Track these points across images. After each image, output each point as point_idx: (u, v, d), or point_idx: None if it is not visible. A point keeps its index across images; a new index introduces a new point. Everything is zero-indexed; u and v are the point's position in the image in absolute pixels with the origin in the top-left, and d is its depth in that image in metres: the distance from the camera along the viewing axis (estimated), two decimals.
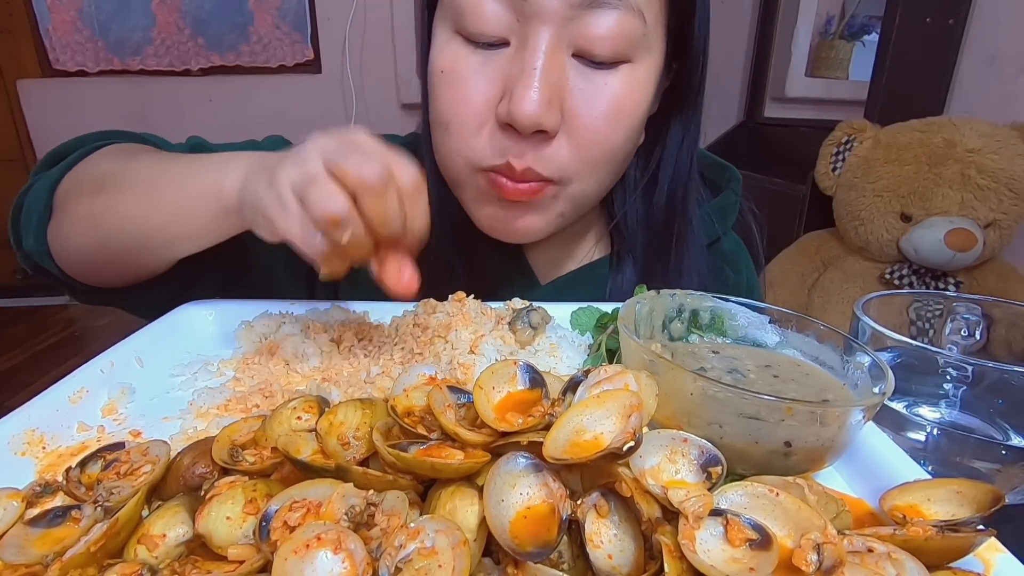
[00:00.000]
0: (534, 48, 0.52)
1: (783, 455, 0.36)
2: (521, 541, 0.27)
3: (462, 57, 0.55)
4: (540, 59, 0.52)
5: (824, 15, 2.67)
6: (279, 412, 0.37)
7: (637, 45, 0.54)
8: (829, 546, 0.27)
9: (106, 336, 0.52)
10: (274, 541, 0.27)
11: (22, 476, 0.36)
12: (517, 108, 0.52)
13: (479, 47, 0.55)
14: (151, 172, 0.55)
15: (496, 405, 0.35)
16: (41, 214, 0.58)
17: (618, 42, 0.53)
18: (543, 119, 0.52)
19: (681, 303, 0.50)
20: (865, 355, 0.41)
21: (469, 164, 0.58)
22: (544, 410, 0.34)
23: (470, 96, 0.55)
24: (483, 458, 0.31)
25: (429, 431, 0.34)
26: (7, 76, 2.49)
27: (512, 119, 0.53)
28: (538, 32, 0.52)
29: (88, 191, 0.56)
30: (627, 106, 0.56)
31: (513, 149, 0.55)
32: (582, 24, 0.52)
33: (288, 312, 0.57)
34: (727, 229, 0.77)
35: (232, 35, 2.51)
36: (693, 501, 0.28)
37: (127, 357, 0.49)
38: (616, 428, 0.31)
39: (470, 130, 0.56)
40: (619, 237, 0.71)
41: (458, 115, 0.56)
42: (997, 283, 1.36)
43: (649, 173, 0.67)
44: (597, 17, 0.52)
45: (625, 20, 0.52)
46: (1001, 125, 1.32)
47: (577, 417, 0.32)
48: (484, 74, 0.55)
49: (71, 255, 0.59)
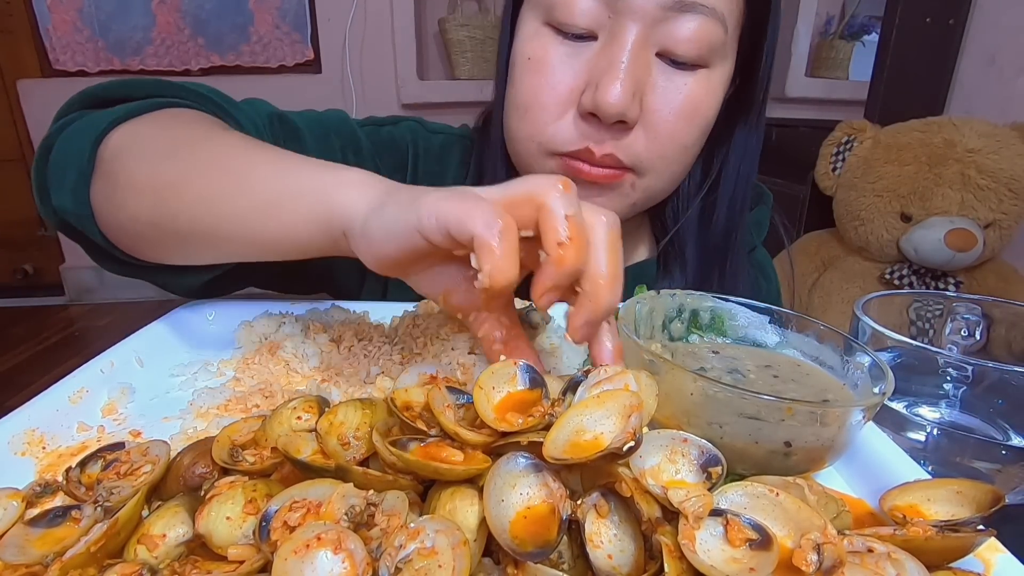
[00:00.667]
0: (623, 43, 0.55)
1: (783, 455, 0.36)
2: (521, 541, 0.27)
3: (550, 46, 0.58)
4: (628, 53, 0.55)
5: (824, 15, 2.67)
6: (279, 412, 0.37)
7: (716, 52, 0.57)
8: (829, 546, 0.27)
9: (106, 336, 0.52)
10: (274, 541, 0.27)
11: (22, 476, 0.36)
12: (603, 97, 0.54)
13: (567, 38, 0.58)
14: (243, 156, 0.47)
15: (496, 405, 0.35)
16: (83, 169, 0.49)
17: (700, 46, 0.56)
18: (626, 110, 0.55)
19: (681, 303, 0.50)
20: (865, 355, 0.41)
21: (543, 148, 0.61)
22: (544, 410, 0.34)
23: (555, 83, 0.58)
24: (484, 463, 0.31)
25: (428, 427, 0.34)
26: (7, 76, 2.49)
27: (597, 108, 0.55)
28: (628, 28, 0.55)
29: (157, 155, 0.48)
30: (701, 108, 0.60)
31: (594, 136, 0.58)
32: (669, 26, 0.55)
33: (288, 312, 0.57)
34: (758, 242, 0.81)
35: (232, 35, 2.51)
36: (693, 501, 0.28)
37: (127, 357, 0.49)
38: (616, 428, 0.31)
39: (550, 116, 0.59)
40: (667, 242, 0.73)
41: (540, 100, 0.59)
42: (997, 283, 1.36)
43: (709, 182, 0.70)
44: (685, 21, 0.55)
45: (709, 26, 0.55)
46: (1001, 125, 1.32)
47: (577, 417, 0.32)
48: (570, 64, 0.58)
49: (120, 223, 0.50)
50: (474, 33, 2.46)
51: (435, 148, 0.74)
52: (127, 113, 0.51)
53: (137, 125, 0.51)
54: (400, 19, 2.49)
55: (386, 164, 0.71)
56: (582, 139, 0.58)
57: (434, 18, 2.59)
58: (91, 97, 0.55)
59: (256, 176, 0.44)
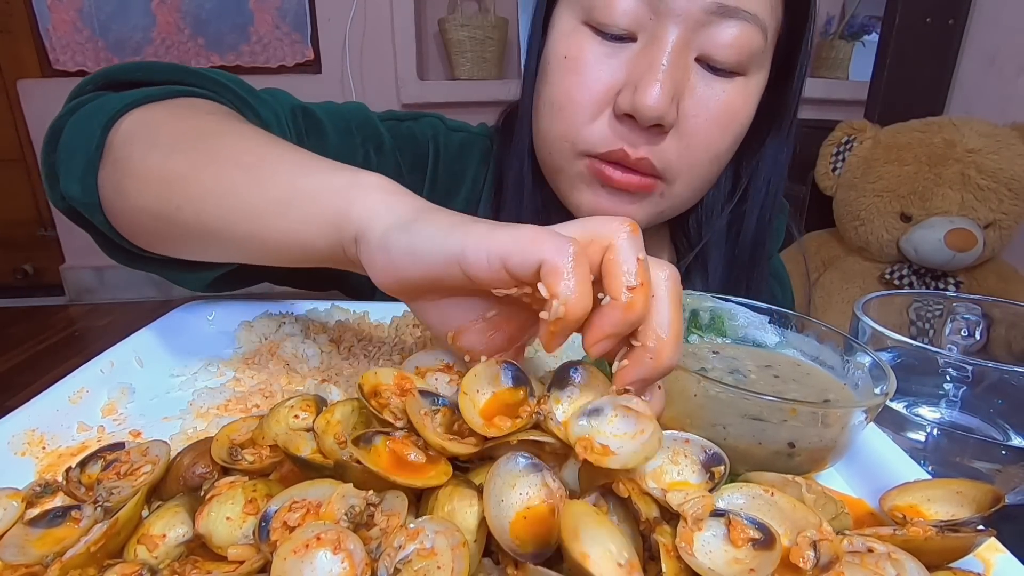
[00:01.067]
0: (663, 45, 0.54)
1: (787, 456, 0.36)
2: (521, 542, 0.27)
3: (588, 46, 0.57)
4: (668, 56, 0.54)
5: (824, 15, 2.67)
6: (276, 411, 0.37)
7: (754, 60, 0.57)
8: (825, 543, 0.27)
9: (106, 336, 0.52)
10: (274, 541, 0.27)
11: (22, 476, 0.36)
12: (642, 100, 0.53)
13: (606, 38, 0.57)
14: (257, 151, 0.44)
15: (482, 409, 0.33)
16: (90, 155, 0.47)
17: (741, 53, 0.55)
18: (664, 113, 0.54)
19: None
20: (866, 355, 0.41)
21: (575, 149, 0.60)
22: (531, 409, 0.32)
23: (591, 83, 0.57)
24: (445, 475, 0.30)
25: (396, 418, 0.33)
26: (7, 76, 2.49)
27: (635, 110, 0.54)
28: (669, 31, 0.54)
29: (168, 145, 0.45)
30: (737, 116, 0.59)
31: (629, 138, 0.57)
32: (711, 30, 0.54)
33: (288, 312, 0.57)
34: (774, 251, 0.81)
35: (232, 35, 2.51)
36: (692, 503, 0.29)
37: (127, 357, 0.49)
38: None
39: (585, 116, 0.58)
40: (688, 250, 0.72)
41: (575, 99, 0.58)
42: (997, 283, 1.36)
43: (739, 193, 0.69)
44: (727, 26, 0.54)
45: (750, 33, 0.55)
46: (1001, 125, 1.32)
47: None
48: (608, 64, 0.57)
49: (127, 213, 0.47)
50: (474, 33, 2.46)
51: (455, 146, 0.73)
52: (144, 98, 0.49)
53: (150, 111, 0.48)
54: (400, 19, 2.49)
55: (406, 160, 0.69)
56: (617, 140, 0.57)
57: (434, 18, 2.59)
58: (107, 78, 0.53)
59: (269, 172, 0.42)
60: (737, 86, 0.57)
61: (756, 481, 0.33)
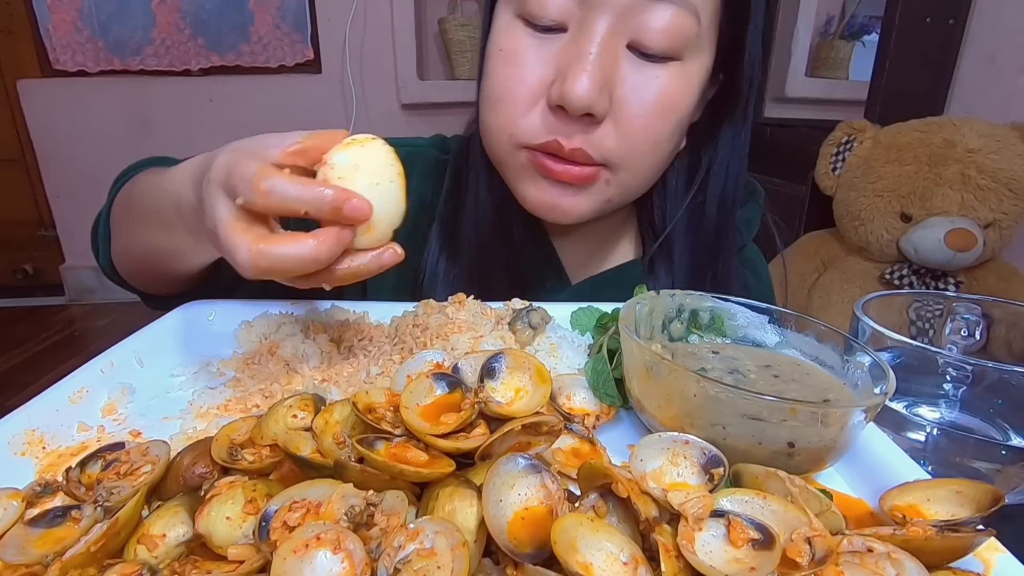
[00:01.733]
0: (591, 34, 0.54)
1: (787, 456, 0.36)
2: (519, 542, 0.27)
3: (521, 38, 0.58)
4: (596, 45, 0.54)
5: (824, 15, 2.67)
6: (275, 410, 0.37)
7: (689, 44, 0.56)
8: (818, 539, 0.27)
9: (106, 336, 0.52)
10: (274, 541, 0.27)
11: (22, 476, 0.36)
12: (570, 90, 0.54)
13: (538, 30, 0.57)
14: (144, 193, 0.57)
15: (421, 412, 0.35)
16: (104, 237, 0.64)
17: (672, 38, 0.55)
18: (593, 102, 0.54)
19: (681, 303, 0.50)
20: (865, 355, 0.41)
21: (514, 141, 0.60)
22: (472, 400, 0.36)
23: (525, 75, 0.58)
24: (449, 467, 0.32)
25: (394, 427, 0.35)
26: (7, 76, 2.49)
27: (564, 100, 0.55)
28: (597, 19, 0.54)
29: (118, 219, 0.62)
30: (674, 101, 0.58)
31: (562, 130, 0.57)
32: (640, 17, 0.54)
33: (288, 312, 0.57)
34: (749, 240, 0.80)
35: (232, 35, 2.51)
36: (693, 503, 0.29)
37: (127, 357, 0.49)
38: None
39: (520, 108, 0.58)
40: (653, 241, 0.72)
41: (511, 92, 0.59)
42: (997, 283, 1.36)
43: (697, 182, 0.69)
44: (655, 11, 0.54)
45: (681, 18, 0.54)
46: (1001, 125, 1.32)
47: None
48: (540, 56, 0.57)
49: (124, 271, 0.65)
50: (474, 33, 2.46)
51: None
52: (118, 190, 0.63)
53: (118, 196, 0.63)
54: (400, 19, 2.49)
55: None
56: (551, 131, 0.58)
57: (434, 18, 2.59)
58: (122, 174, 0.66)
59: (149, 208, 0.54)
60: (672, 71, 0.57)
61: (744, 472, 0.34)
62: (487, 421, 0.36)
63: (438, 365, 0.42)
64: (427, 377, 0.38)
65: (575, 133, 0.57)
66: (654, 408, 0.40)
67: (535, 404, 0.37)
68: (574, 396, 0.45)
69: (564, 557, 0.25)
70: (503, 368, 0.39)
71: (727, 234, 0.70)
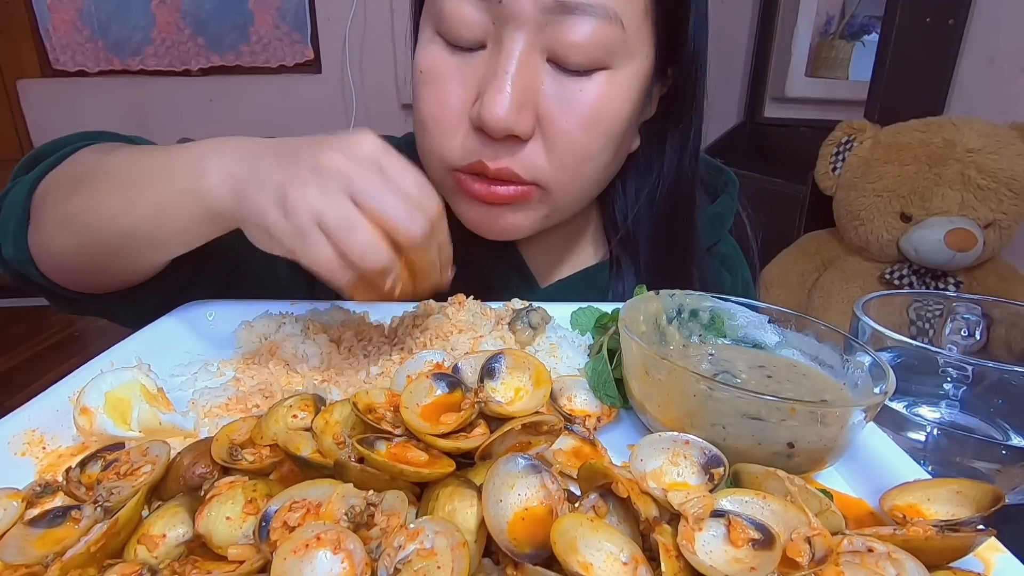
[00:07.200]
0: (508, 52, 0.52)
1: (786, 456, 0.36)
2: (519, 542, 0.27)
3: (441, 58, 0.56)
4: (513, 63, 0.52)
5: (824, 15, 2.66)
6: (275, 410, 0.37)
7: (615, 52, 0.54)
8: (818, 538, 0.27)
9: (106, 336, 0.52)
10: (274, 541, 0.27)
11: (22, 476, 0.36)
12: (488, 111, 0.52)
13: (457, 49, 0.55)
14: (127, 167, 0.52)
15: (421, 412, 0.35)
16: (20, 219, 0.55)
17: (593, 49, 0.53)
18: (513, 123, 0.52)
19: (680, 303, 0.50)
20: (866, 355, 0.41)
21: (442, 163, 0.59)
22: (472, 400, 0.36)
23: (447, 97, 0.56)
24: (449, 467, 0.32)
25: (394, 427, 0.35)
26: (7, 76, 2.49)
27: (483, 122, 0.53)
28: (512, 36, 0.52)
29: (64, 192, 0.53)
30: (604, 113, 0.56)
31: (486, 152, 0.55)
32: (556, 30, 0.52)
33: (288, 312, 0.57)
34: (724, 233, 0.77)
35: (232, 35, 2.51)
36: (693, 503, 0.29)
37: (127, 357, 0.49)
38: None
39: (446, 131, 0.57)
40: (618, 242, 0.70)
41: (435, 115, 0.57)
42: (997, 283, 1.36)
43: (652, 180, 0.67)
44: (571, 24, 0.51)
45: (600, 28, 0.52)
46: (1001, 125, 1.32)
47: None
48: (460, 76, 0.55)
49: (52, 260, 0.55)
50: None
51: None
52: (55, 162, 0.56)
53: (56, 170, 0.56)
54: (400, 19, 2.49)
55: None
56: (474, 154, 0.56)
57: None
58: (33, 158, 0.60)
59: (138, 184, 0.49)
60: (599, 82, 0.54)
61: (744, 472, 0.34)
62: (487, 421, 0.36)
63: (438, 365, 0.42)
64: (427, 377, 0.38)
65: (501, 154, 0.55)
66: (654, 408, 0.40)
67: (535, 404, 0.37)
68: (575, 397, 0.45)
69: (564, 557, 0.25)
70: (503, 368, 0.40)
71: (688, 231, 0.68)
